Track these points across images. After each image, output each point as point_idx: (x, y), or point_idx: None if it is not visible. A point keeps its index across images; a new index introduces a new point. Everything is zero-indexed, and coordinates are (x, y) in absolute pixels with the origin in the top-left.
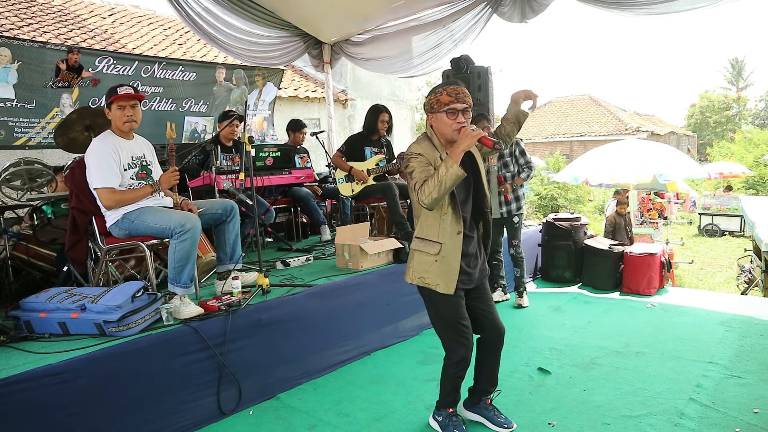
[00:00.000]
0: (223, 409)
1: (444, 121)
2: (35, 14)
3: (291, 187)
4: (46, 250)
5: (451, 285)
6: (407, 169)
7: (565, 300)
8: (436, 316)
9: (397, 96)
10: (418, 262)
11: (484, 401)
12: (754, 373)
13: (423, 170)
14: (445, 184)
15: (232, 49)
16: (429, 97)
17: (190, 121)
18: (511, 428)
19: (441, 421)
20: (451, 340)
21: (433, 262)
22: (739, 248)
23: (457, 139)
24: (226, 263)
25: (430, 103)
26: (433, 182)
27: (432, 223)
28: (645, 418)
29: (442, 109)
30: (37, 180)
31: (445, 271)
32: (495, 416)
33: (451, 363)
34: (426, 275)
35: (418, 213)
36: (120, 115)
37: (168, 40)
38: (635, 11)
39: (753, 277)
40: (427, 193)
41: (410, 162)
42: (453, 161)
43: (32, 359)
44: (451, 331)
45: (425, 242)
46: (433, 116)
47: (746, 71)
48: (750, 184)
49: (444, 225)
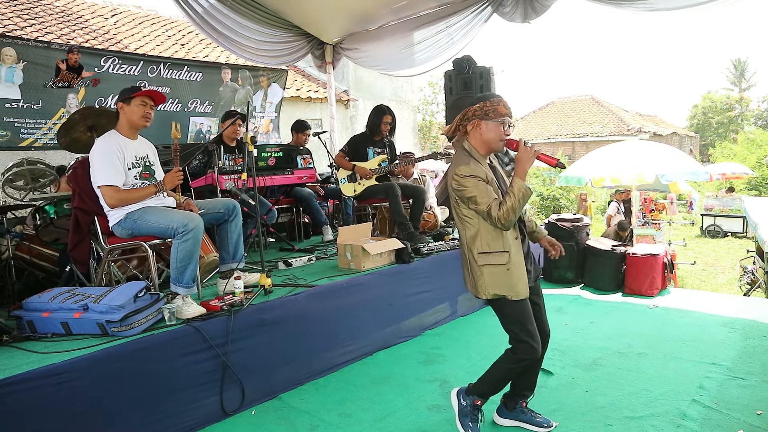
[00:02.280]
0: (227, 409)
1: (495, 130)
2: (38, 15)
3: (293, 188)
4: (49, 250)
5: (525, 289)
6: (462, 193)
7: (567, 301)
8: (512, 321)
9: (399, 96)
10: (489, 275)
11: (520, 405)
12: (757, 375)
13: (484, 191)
14: (522, 203)
15: (236, 48)
16: (483, 103)
17: (195, 121)
18: (551, 426)
19: (463, 407)
20: (523, 340)
21: (505, 271)
22: (742, 249)
23: (498, 148)
24: (228, 263)
25: (485, 110)
26: (512, 203)
27: (495, 235)
28: (648, 419)
29: (498, 118)
30: (39, 180)
31: (518, 276)
32: (533, 417)
33: (517, 360)
34: (501, 286)
35: (472, 229)
36: (140, 111)
37: (170, 40)
38: (637, 6)
39: (756, 278)
40: (508, 214)
41: (466, 186)
42: (522, 180)
43: (35, 359)
44: (524, 334)
45: (492, 255)
46: (484, 123)
47: (749, 72)
48: (752, 185)
49: (506, 234)
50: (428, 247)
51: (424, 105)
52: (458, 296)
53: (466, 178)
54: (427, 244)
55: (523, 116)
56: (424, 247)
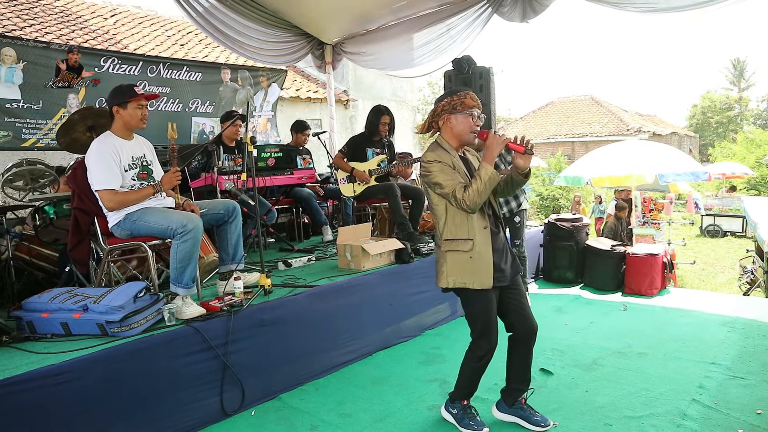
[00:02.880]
0: (227, 409)
1: (465, 122)
2: (37, 15)
3: (293, 188)
4: (49, 251)
5: (487, 279)
6: (428, 178)
7: (566, 301)
8: (471, 312)
9: (398, 97)
10: (452, 263)
11: (519, 401)
12: (757, 374)
13: (449, 176)
14: (488, 187)
15: (237, 47)
16: (450, 98)
17: (197, 122)
18: (548, 426)
19: (456, 414)
20: (480, 335)
21: (468, 259)
22: (741, 249)
23: (469, 140)
24: (228, 264)
25: (452, 104)
26: (477, 186)
27: (459, 222)
28: (647, 419)
29: (466, 111)
30: (39, 180)
31: (481, 266)
32: (531, 415)
33: (475, 357)
34: (462, 275)
35: (441, 217)
36: (138, 114)
37: (170, 40)
38: (637, 6)
39: (755, 277)
40: (473, 197)
41: (431, 170)
42: (489, 165)
43: (34, 359)
44: (481, 327)
45: (456, 242)
46: (453, 117)
47: (748, 72)
48: (752, 185)
49: (472, 222)
50: (428, 247)
51: (423, 105)
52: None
53: (431, 163)
54: (427, 244)
55: (522, 116)
56: (424, 247)
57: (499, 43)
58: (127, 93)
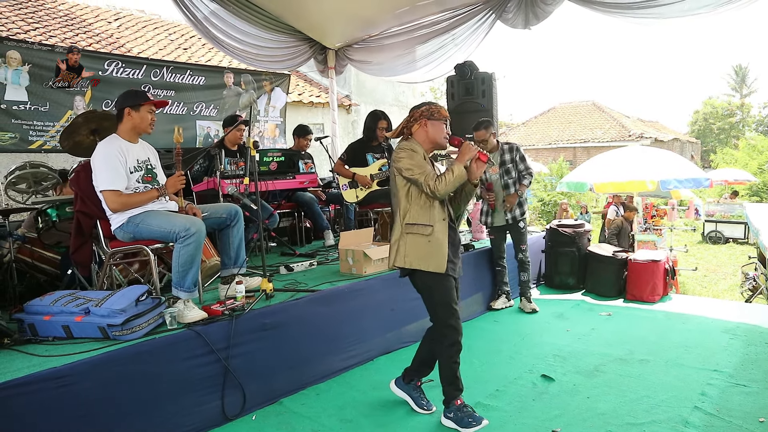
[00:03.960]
0: (228, 413)
1: (441, 129)
2: (42, 18)
3: (295, 192)
4: (51, 253)
5: (442, 263)
6: (401, 163)
7: (568, 307)
8: (430, 299)
9: (400, 101)
10: (410, 245)
11: (415, 382)
12: (760, 382)
13: (419, 163)
14: (457, 181)
15: (239, 53)
16: (429, 106)
17: (201, 125)
18: (431, 411)
19: (454, 417)
20: (445, 323)
21: (426, 242)
22: (743, 255)
23: (442, 144)
24: (230, 267)
25: (430, 111)
26: (449, 177)
27: (421, 210)
28: (649, 426)
29: (442, 119)
30: (42, 183)
31: (437, 250)
32: (419, 397)
33: (444, 347)
34: (418, 257)
35: (405, 204)
36: (148, 118)
37: (173, 44)
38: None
39: (757, 284)
40: (443, 186)
41: (407, 158)
42: (461, 165)
43: (36, 362)
44: (445, 313)
45: (416, 226)
46: (431, 122)
47: (750, 78)
48: (754, 191)
49: (433, 211)
50: None
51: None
52: (460, 302)
53: (405, 150)
54: None
55: (524, 122)
56: None
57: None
58: (142, 97)
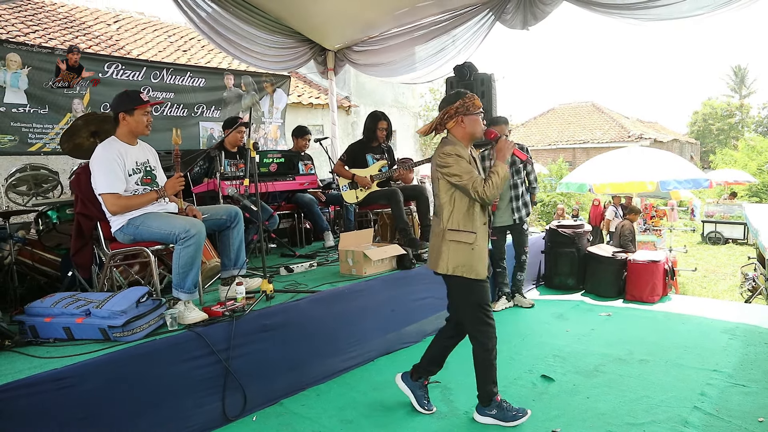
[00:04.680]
0: (228, 414)
1: (478, 121)
2: (41, 21)
3: (295, 193)
4: (51, 255)
5: (484, 270)
6: (446, 169)
7: (568, 307)
8: (468, 302)
9: (400, 103)
10: (454, 251)
11: (422, 381)
12: (759, 382)
13: (466, 168)
14: (501, 182)
15: (239, 54)
16: (462, 100)
17: (205, 126)
18: (431, 411)
19: (497, 414)
20: (480, 326)
21: (470, 250)
22: (743, 256)
23: (479, 137)
24: (230, 269)
25: (465, 105)
26: (496, 181)
27: (464, 215)
28: (649, 426)
29: (477, 111)
30: (42, 185)
31: (480, 257)
32: (422, 396)
33: (486, 350)
34: (464, 264)
35: (449, 209)
36: (143, 121)
37: (173, 46)
38: (635, 13)
39: (757, 284)
40: (491, 191)
41: (450, 163)
42: (504, 164)
43: (37, 364)
44: (480, 316)
45: (461, 233)
46: (467, 117)
47: (749, 79)
48: (753, 192)
49: (475, 216)
50: None
51: (425, 111)
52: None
53: (451, 155)
54: None
55: (523, 122)
56: (426, 253)
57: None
58: (134, 100)
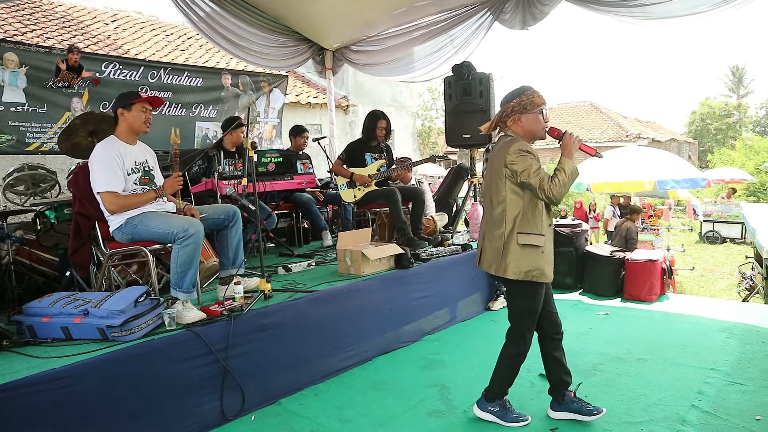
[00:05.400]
0: (227, 414)
1: (538, 120)
2: (39, 20)
3: (293, 193)
4: (49, 255)
5: (550, 273)
6: (514, 166)
7: (566, 306)
8: (526, 307)
9: (398, 102)
10: (525, 256)
11: (568, 395)
12: (756, 380)
13: (536, 166)
14: (571, 180)
15: (238, 52)
16: (519, 98)
17: (201, 126)
18: (601, 413)
19: (497, 411)
20: (527, 333)
21: (540, 255)
22: (740, 255)
23: (540, 136)
24: (228, 268)
25: (522, 104)
26: (563, 179)
27: (532, 218)
28: (647, 424)
29: (536, 109)
30: (40, 185)
31: (548, 260)
32: (583, 406)
33: (518, 351)
34: (533, 268)
35: (514, 211)
36: (142, 117)
37: (170, 46)
38: (633, 15)
39: (754, 284)
40: (559, 189)
41: (519, 160)
42: (571, 161)
43: (35, 364)
44: (529, 321)
45: (530, 236)
46: (524, 116)
47: (747, 79)
48: (751, 191)
49: (542, 219)
50: (427, 253)
51: (423, 111)
52: (457, 302)
53: (521, 153)
54: (426, 250)
55: None
56: (424, 252)
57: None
58: (133, 95)
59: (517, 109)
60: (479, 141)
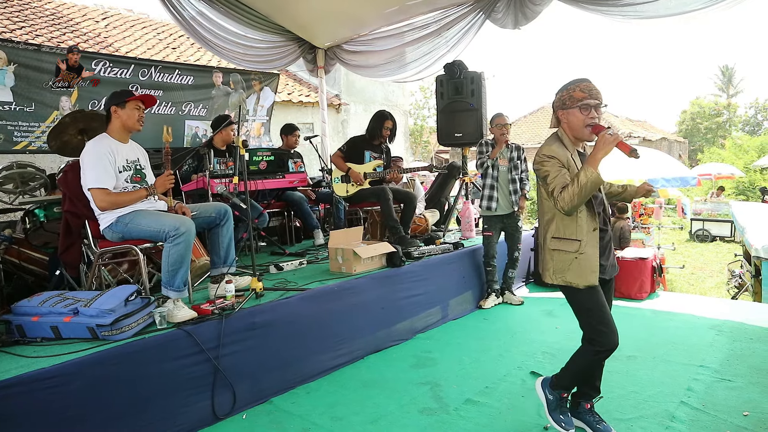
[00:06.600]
0: (218, 413)
1: (577, 117)
2: (28, 17)
3: (284, 191)
4: (39, 254)
5: (592, 277)
6: (540, 173)
7: (557, 304)
8: (581, 309)
9: (390, 101)
10: (558, 261)
11: (584, 405)
12: (744, 377)
13: (558, 174)
14: (585, 191)
15: (227, 53)
16: (561, 93)
17: (190, 125)
18: None
19: (550, 401)
20: (598, 330)
21: (573, 259)
22: (730, 253)
23: (584, 135)
24: (219, 267)
25: (561, 100)
26: (573, 189)
27: (568, 222)
28: (636, 421)
29: (575, 105)
30: (29, 183)
31: (586, 267)
32: (596, 422)
33: (595, 351)
34: (566, 274)
35: (549, 213)
36: (135, 114)
37: (162, 44)
38: (624, 14)
39: (743, 281)
40: (567, 200)
41: (543, 165)
42: (592, 168)
43: (24, 363)
44: (596, 321)
45: (563, 241)
46: (564, 112)
47: (736, 78)
48: (740, 190)
49: (580, 223)
50: (419, 251)
51: (415, 109)
52: (449, 300)
53: (545, 157)
54: (418, 248)
55: (513, 121)
56: (415, 251)
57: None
58: (126, 93)
59: (557, 105)
60: (471, 139)
